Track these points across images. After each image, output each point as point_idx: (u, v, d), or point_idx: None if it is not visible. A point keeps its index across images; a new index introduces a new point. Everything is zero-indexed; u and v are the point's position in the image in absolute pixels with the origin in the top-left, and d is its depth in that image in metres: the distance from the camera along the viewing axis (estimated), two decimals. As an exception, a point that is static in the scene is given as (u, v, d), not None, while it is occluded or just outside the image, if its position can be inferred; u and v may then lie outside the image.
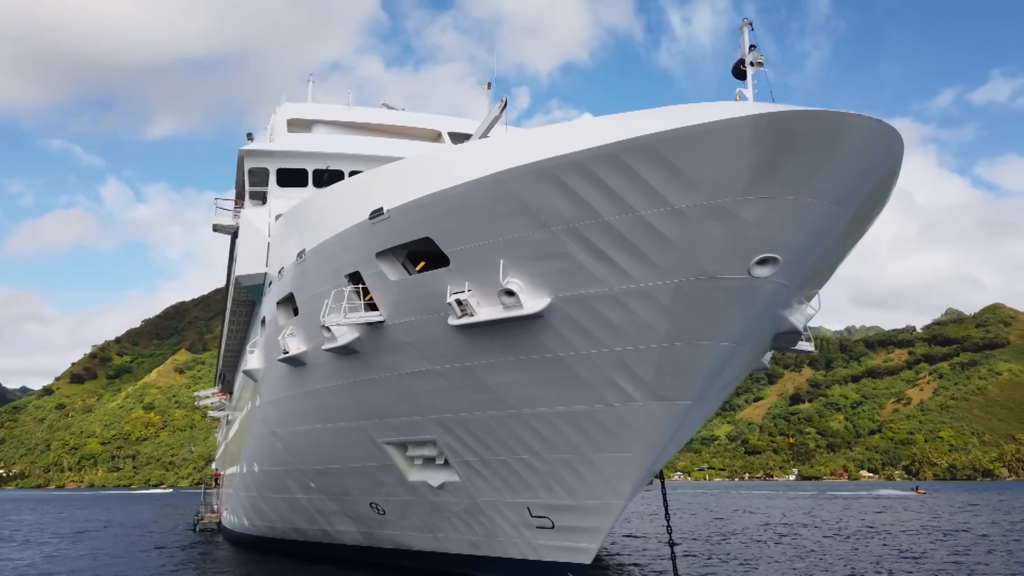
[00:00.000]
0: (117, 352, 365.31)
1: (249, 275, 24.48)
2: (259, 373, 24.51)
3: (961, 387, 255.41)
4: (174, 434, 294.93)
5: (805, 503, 78.18)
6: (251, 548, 31.63)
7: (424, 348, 17.52)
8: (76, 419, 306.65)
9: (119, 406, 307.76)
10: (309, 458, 23.32)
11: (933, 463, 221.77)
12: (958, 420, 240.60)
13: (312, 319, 19.84)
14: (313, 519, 25.65)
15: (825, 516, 53.32)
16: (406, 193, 15.92)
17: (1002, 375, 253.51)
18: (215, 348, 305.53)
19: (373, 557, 24.12)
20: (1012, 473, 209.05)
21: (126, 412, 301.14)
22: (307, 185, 26.01)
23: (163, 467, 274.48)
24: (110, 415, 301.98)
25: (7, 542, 40.20)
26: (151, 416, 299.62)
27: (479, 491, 19.23)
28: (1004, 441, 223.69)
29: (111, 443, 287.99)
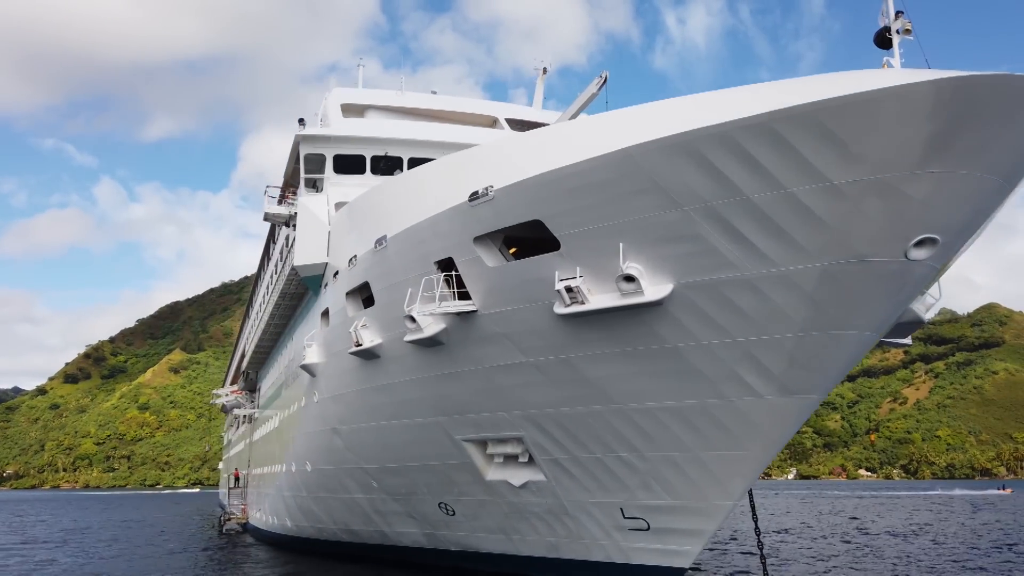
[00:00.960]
0: (111, 352, 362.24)
1: (309, 265, 23.50)
2: (318, 368, 23.55)
3: (957, 386, 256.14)
4: (169, 434, 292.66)
5: (861, 503, 74.60)
6: (294, 550, 30.64)
7: (519, 339, 16.64)
8: (70, 419, 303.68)
9: (113, 406, 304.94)
10: (374, 456, 22.39)
11: (931, 462, 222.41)
12: (955, 419, 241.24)
13: (391, 309, 18.94)
14: (370, 520, 24.74)
15: (924, 519, 48.83)
16: (512, 173, 15.02)
17: (998, 374, 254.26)
18: (210, 347, 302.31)
19: (435, 559, 23.23)
20: (1010, 472, 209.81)
21: (120, 412, 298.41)
22: (364, 172, 25.08)
23: (158, 467, 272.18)
24: (104, 415, 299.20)
25: (42, 543, 39.06)
26: (146, 416, 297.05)
27: (566, 491, 18.37)
28: (1001, 440, 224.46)
29: (106, 443, 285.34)
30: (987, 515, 51.78)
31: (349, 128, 25.22)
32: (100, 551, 34.03)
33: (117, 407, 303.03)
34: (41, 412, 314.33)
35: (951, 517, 51.09)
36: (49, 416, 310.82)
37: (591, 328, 15.31)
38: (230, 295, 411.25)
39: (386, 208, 19.11)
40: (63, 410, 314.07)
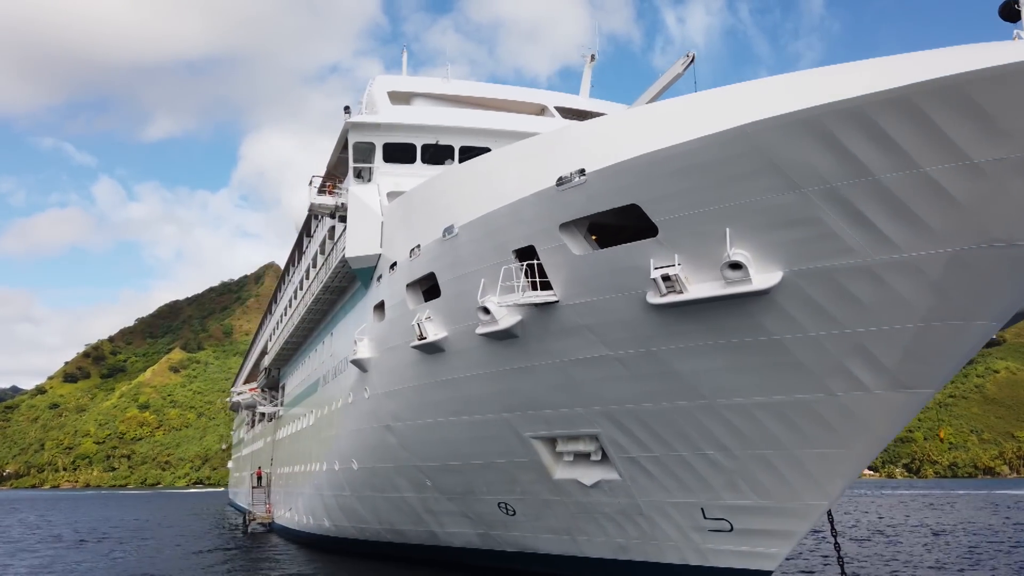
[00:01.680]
0: (111, 351, 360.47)
1: (361, 257, 22.76)
2: (370, 363, 22.83)
3: (959, 385, 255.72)
4: (169, 433, 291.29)
5: (884, 501, 75.34)
6: (331, 550, 29.92)
7: (603, 331, 15.94)
8: (70, 418, 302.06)
9: (113, 405, 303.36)
10: (430, 454, 21.69)
11: (934, 461, 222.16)
12: (957, 418, 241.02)
13: (459, 301, 18.23)
14: (420, 520, 24.03)
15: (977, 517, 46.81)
16: (606, 155, 14.30)
17: (999, 373, 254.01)
18: (210, 347, 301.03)
19: (489, 560, 22.55)
20: (1013, 471, 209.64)
21: (120, 411, 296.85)
22: (414, 161, 24.37)
23: (159, 467, 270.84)
24: (104, 414, 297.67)
25: (73, 543, 38.29)
26: (146, 415, 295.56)
27: (642, 490, 17.68)
28: (1003, 439, 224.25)
29: (106, 443, 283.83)
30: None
31: (399, 116, 24.50)
32: (129, 552, 33.27)
33: (117, 406, 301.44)
34: (40, 411, 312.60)
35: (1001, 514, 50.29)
36: (49, 415, 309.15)
37: (685, 319, 14.62)
38: (230, 294, 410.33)
39: (454, 196, 18.39)
40: (63, 409, 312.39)
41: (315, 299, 29.95)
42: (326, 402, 29.52)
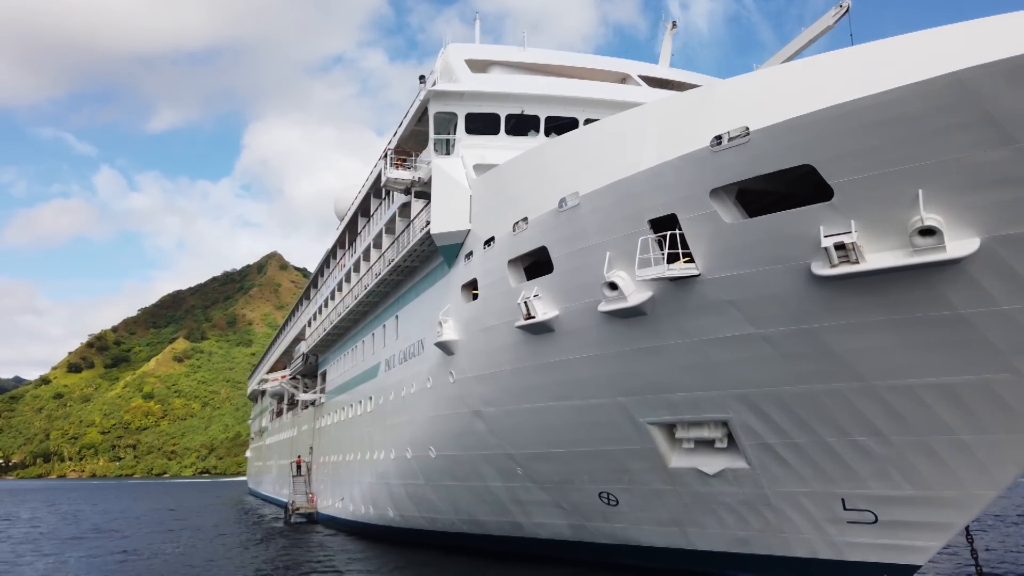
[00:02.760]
0: (114, 341, 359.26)
1: (448, 233, 21.48)
2: (456, 345, 21.59)
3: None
4: (174, 423, 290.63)
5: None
6: (395, 541, 28.79)
7: (750, 308, 14.71)
8: (75, 408, 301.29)
9: (118, 395, 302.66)
10: (525, 441, 20.50)
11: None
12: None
13: (576, 277, 17.00)
14: (505, 510, 22.87)
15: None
16: (773, 112, 13.01)
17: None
18: (213, 336, 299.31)
19: (580, 553, 21.46)
20: None
21: (125, 401, 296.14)
22: (498, 132, 23.05)
23: (165, 456, 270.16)
24: (109, 404, 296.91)
25: (111, 533, 37.21)
26: (151, 405, 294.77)
27: (773, 479, 16.51)
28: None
29: (111, 432, 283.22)
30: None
31: (482, 84, 23.14)
32: (170, 542, 32.17)
33: (121, 396, 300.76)
34: (45, 401, 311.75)
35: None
36: (53, 405, 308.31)
37: (854, 293, 13.38)
38: (232, 284, 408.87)
39: (572, 164, 17.09)
40: (67, 399, 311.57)
41: (379, 281, 28.63)
42: (391, 388, 28.29)
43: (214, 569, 23.62)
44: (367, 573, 22.71)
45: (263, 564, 24.69)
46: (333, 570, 23.03)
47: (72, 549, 30.32)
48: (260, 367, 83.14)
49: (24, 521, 49.66)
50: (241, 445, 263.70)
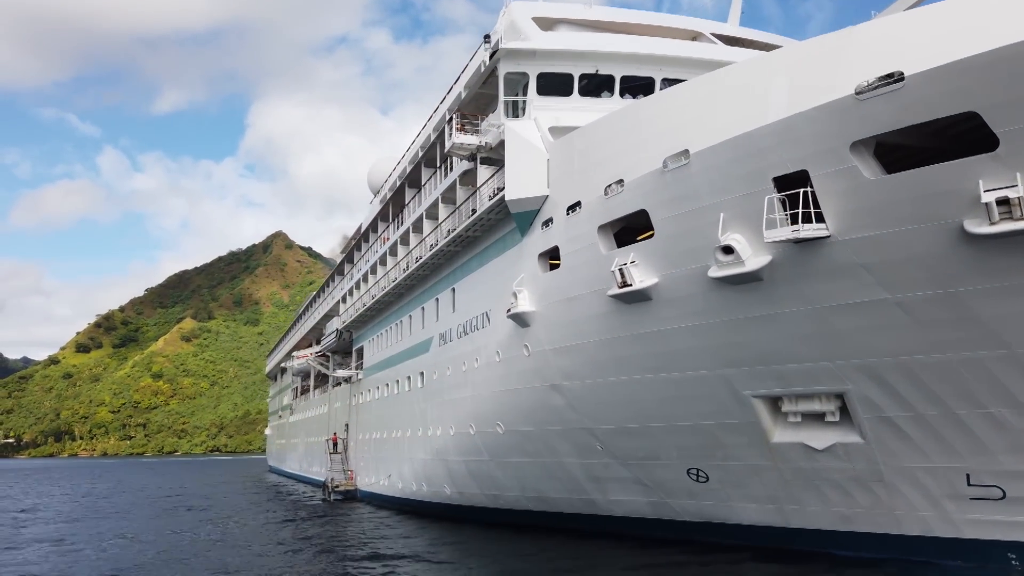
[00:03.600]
0: (121, 321, 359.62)
1: (524, 199, 20.47)
2: (533, 316, 20.68)
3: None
4: (183, 402, 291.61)
5: None
6: (452, 519, 28.11)
7: (885, 271, 13.77)
8: (84, 388, 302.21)
9: (127, 375, 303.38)
10: (609, 416, 19.66)
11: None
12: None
13: (684, 240, 16.05)
14: (578, 487, 22.11)
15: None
16: (926, 56, 11.95)
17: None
18: (220, 316, 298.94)
19: (659, 531, 20.72)
20: None
21: (134, 381, 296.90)
22: (571, 94, 21.95)
23: (175, 435, 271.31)
24: (118, 384, 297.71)
25: (157, 514, 36.73)
26: (160, 384, 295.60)
27: (889, 454, 15.66)
28: None
29: (121, 412, 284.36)
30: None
31: (555, 42, 21.98)
32: (211, 520, 31.54)
33: (130, 375, 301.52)
34: (54, 381, 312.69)
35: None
36: (63, 385, 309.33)
37: (1011, 253, 12.42)
38: (238, 263, 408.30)
39: (676, 120, 16.07)
40: (76, 379, 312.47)
41: (434, 252, 27.62)
42: (447, 363, 27.44)
43: (281, 547, 22.97)
44: (435, 550, 22.01)
45: (325, 542, 24.03)
46: (402, 551, 22.35)
47: (124, 522, 29.82)
48: (280, 346, 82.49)
49: (66, 500, 49.31)
50: (250, 423, 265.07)
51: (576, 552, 20.48)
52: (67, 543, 25.46)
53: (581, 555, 20.05)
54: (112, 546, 24.36)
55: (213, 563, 20.21)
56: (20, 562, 21.35)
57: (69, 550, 23.65)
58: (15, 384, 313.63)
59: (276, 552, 22.14)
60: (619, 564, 18.68)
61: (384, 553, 21.42)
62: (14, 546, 25.07)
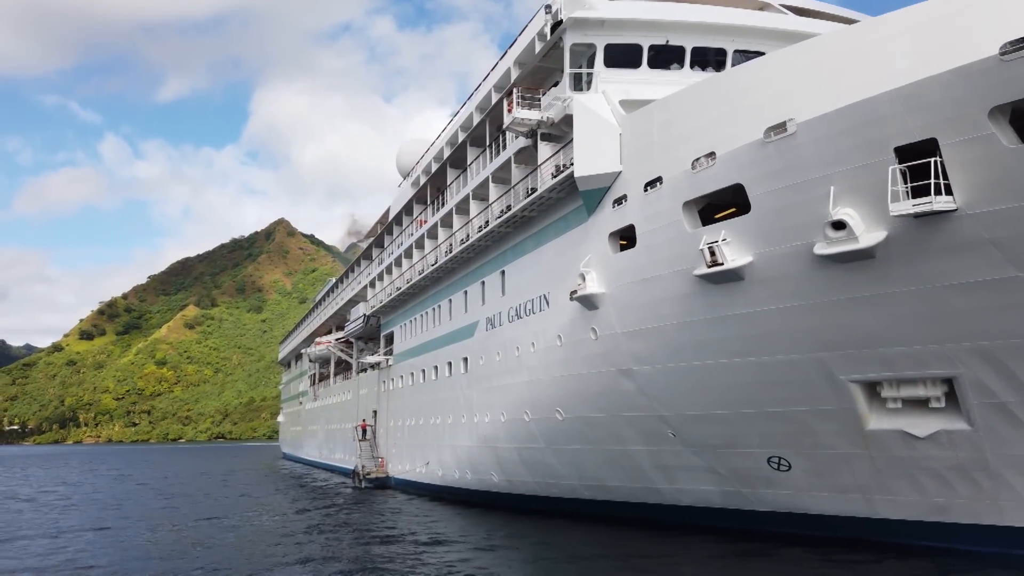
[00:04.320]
0: (124, 308, 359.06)
1: (595, 176, 19.58)
2: (603, 299, 19.86)
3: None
4: (187, 389, 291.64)
5: None
6: (499, 507, 27.42)
7: (1017, 246, 12.90)
8: (88, 375, 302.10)
9: (130, 362, 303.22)
10: (685, 402, 18.88)
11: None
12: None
13: (785, 216, 15.23)
14: (642, 476, 21.37)
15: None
16: None
17: None
18: (223, 303, 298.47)
19: (727, 520, 20.08)
20: None
21: (138, 368, 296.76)
22: (639, 66, 21.01)
23: (180, 422, 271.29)
24: (122, 371, 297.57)
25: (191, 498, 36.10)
26: (163, 371, 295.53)
27: (999, 442, 14.92)
28: None
29: (125, 399, 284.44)
30: None
31: (623, 11, 21.00)
32: (251, 508, 30.88)
33: (134, 363, 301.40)
34: (58, 368, 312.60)
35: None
36: (66, 372, 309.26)
37: None
38: (240, 250, 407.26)
39: (776, 89, 15.20)
40: (80, 366, 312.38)
41: (484, 234, 26.69)
42: (496, 348, 26.65)
43: (322, 537, 22.28)
44: (495, 538, 21.31)
45: (367, 531, 23.33)
46: (461, 538, 21.66)
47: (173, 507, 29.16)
48: (296, 332, 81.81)
49: (95, 486, 48.71)
50: (255, 411, 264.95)
51: (643, 541, 19.77)
52: (120, 528, 24.81)
53: (650, 543, 19.35)
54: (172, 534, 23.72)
55: (275, 552, 19.53)
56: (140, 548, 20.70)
57: (143, 533, 23.00)
58: (19, 371, 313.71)
59: (335, 541, 21.44)
60: (697, 553, 18.01)
61: (447, 539, 20.78)
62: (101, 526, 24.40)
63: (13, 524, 27.55)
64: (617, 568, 16.90)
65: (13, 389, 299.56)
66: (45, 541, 22.73)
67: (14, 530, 25.60)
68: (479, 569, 17.05)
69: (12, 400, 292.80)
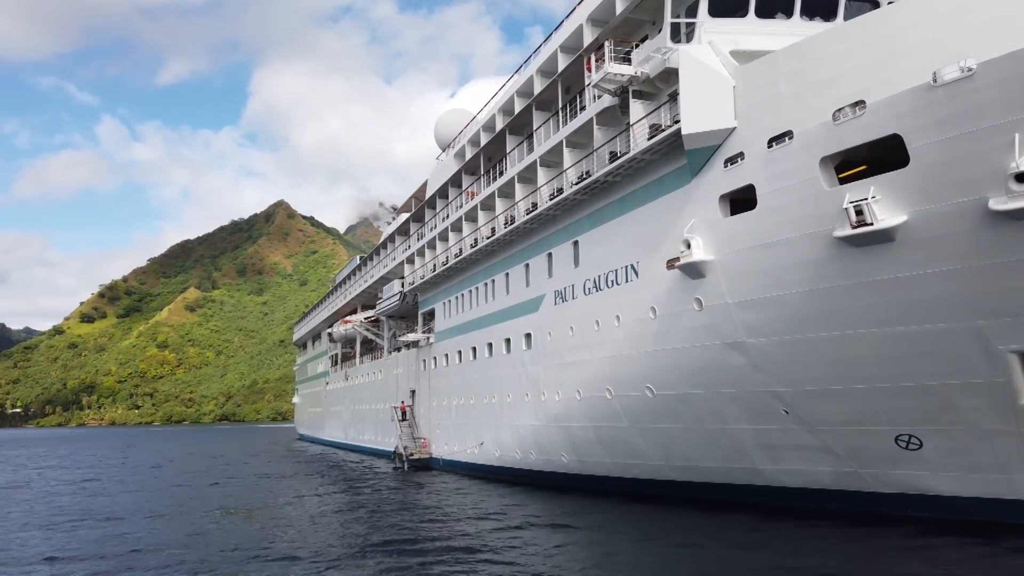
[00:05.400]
0: (125, 291, 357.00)
1: (705, 133, 18.09)
2: (712, 266, 18.45)
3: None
4: (190, 371, 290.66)
5: None
6: (565, 488, 26.17)
7: None
8: (90, 358, 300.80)
9: (132, 344, 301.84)
10: (807, 376, 17.55)
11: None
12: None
13: (952, 170, 13.83)
14: (743, 455, 20.10)
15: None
16: None
17: None
18: (224, 286, 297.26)
19: (836, 503, 18.84)
20: None
21: (140, 350, 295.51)
22: (746, 14, 19.45)
23: (183, 404, 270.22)
24: (124, 354, 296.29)
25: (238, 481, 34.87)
26: (165, 354, 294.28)
27: None
28: None
29: (127, 381, 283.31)
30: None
31: None
32: (299, 492, 29.60)
33: (136, 345, 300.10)
34: (60, 351, 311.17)
35: None
36: (68, 355, 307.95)
37: None
38: (240, 232, 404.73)
39: (946, 27, 13.70)
40: (81, 349, 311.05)
41: (557, 203, 25.14)
42: (570, 322, 25.26)
43: (400, 520, 21.03)
44: (591, 522, 20.07)
45: (445, 513, 22.09)
46: (546, 521, 20.41)
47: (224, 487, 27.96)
48: (314, 313, 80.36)
49: (144, 470, 47.50)
50: (258, 393, 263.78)
51: (759, 526, 18.51)
52: (190, 514, 23.57)
53: (770, 528, 18.09)
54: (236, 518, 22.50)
55: (351, 533, 18.26)
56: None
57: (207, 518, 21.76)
58: (20, 354, 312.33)
59: (404, 525, 20.18)
60: (814, 543, 16.77)
61: (532, 523, 19.54)
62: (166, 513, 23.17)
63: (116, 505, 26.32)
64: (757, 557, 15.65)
65: (15, 372, 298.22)
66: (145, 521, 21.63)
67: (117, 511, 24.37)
68: (608, 555, 15.83)
69: (14, 383, 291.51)
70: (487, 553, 16.16)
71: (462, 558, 15.69)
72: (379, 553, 16.46)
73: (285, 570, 15.08)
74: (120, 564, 16.20)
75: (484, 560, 15.47)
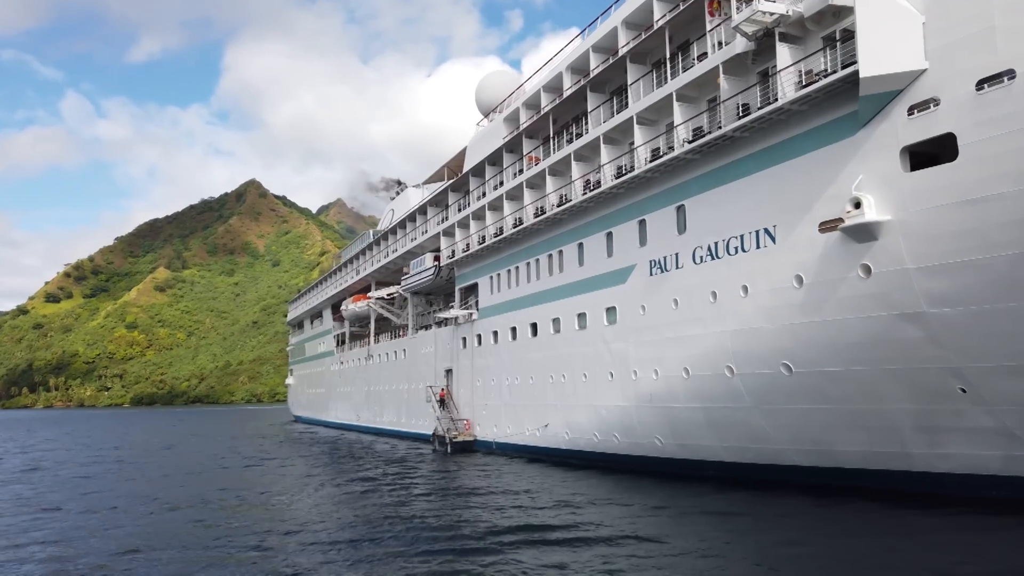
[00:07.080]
0: (91, 271, 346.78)
1: (888, 76, 16.02)
2: (886, 228, 16.54)
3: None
4: (160, 353, 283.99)
5: None
6: (656, 473, 24.21)
7: None
8: (56, 339, 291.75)
9: (100, 325, 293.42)
10: (999, 350, 15.74)
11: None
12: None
13: None
14: (892, 439, 18.31)
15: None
16: None
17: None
18: (195, 266, 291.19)
19: (997, 489, 17.09)
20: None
21: (108, 331, 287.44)
22: None
23: (154, 386, 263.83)
24: (91, 334, 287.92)
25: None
26: (135, 335, 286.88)
27: None
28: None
29: (96, 363, 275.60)
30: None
31: None
32: (368, 482, 27.29)
33: (104, 326, 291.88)
34: (25, 332, 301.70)
35: None
36: (33, 336, 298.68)
37: None
38: (210, 212, 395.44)
39: None
40: (47, 329, 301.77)
41: (662, 163, 22.88)
42: (672, 294, 23.18)
43: (480, 507, 18.88)
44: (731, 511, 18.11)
45: (544, 500, 20.00)
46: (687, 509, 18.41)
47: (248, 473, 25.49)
48: (314, 291, 77.18)
49: (162, 456, 44.52)
50: (231, 375, 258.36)
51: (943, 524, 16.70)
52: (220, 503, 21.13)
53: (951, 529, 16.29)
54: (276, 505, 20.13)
55: (438, 523, 16.08)
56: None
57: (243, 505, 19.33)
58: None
59: (485, 512, 18.02)
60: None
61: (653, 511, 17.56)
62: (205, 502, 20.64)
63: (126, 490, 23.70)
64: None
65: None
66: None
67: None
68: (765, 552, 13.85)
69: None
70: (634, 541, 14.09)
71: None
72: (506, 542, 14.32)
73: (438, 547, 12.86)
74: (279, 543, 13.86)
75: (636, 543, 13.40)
